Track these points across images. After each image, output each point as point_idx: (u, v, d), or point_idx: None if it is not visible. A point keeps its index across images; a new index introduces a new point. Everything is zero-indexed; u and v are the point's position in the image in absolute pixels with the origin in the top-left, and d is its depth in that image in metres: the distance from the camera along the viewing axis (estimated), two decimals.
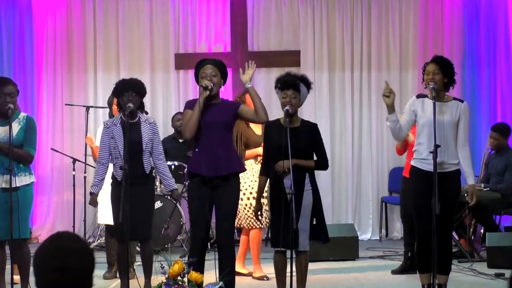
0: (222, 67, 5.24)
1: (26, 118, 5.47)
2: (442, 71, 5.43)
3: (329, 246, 7.23)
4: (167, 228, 7.90)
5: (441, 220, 5.21)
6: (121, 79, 5.93)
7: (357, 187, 9.42)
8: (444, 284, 5.53)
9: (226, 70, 5.31)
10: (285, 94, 5.18)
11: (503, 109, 9.27)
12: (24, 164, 5.40)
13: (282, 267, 5.36)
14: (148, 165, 5.70)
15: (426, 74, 5.46)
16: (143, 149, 5.66)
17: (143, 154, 5.66)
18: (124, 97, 5.62)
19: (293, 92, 5.17)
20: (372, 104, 9.39)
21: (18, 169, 5.34)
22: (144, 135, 5.67)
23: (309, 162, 5.21)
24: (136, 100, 5.67)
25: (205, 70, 5.16)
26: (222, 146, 5.12)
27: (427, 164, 5.36)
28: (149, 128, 5.70)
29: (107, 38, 9.37)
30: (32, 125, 5.47)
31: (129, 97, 5.61)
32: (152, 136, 5.72)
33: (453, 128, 5.42)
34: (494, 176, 7.78)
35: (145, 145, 5.66)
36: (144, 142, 5.65)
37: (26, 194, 5.40)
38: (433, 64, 5.47)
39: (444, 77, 5.43)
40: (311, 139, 5.24)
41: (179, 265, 5.65)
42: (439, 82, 5.40)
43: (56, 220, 9.26)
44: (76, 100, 9.14)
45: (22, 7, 9.32)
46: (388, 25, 9.41)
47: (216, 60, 5.28)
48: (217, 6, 9.43)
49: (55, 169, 9.24)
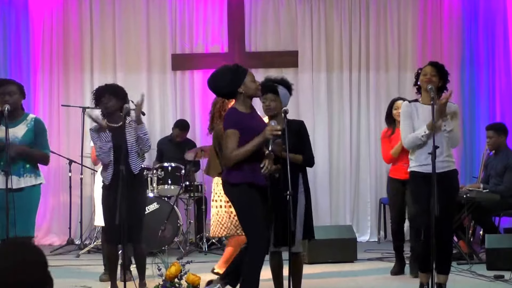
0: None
1: (34, 120, 5.48)
2: (439, 75, 5.46)
3: (327, 248, 7.24)
4: (164, 230, 7.85)
5: (442, 220, 5.21)
6: (101, 85, 5.95)
7: (355, 189, 9.39)
8: (444, 284, 5.53)
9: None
10: (265, 98, 5.28)
11: (501, 110, 9.25)
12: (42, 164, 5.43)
13: (278, 269, 5.36)
14: (135, 165, 5.69)
15: (423, 75, 5.49)
16: (129, 152, 5.66)
17: (129, 156, 5.66)
18: (104, 98, 5.69)
19: (272, 96, 5.24)
20: (370, 104, 9.36)
21: (23, 170, 5.36)
22: (129, 138, 5.68)
23: (297, 156, 5.21)
24: (113, 104, 5.70)
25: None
26: (264, 156, 4.99)
27: (426, 167, 5.37)
28: (132, 128, 5.69)
29: (103, 39, 9.34)
30: (42, 128, 5.50)
31: (107, 99, 5.68)
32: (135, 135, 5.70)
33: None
34: (493, 178, 7.75)
35: (130, 147, 5.66)
36: (130, 144, 5.65)
37: (31, 195, 5.41)
38: (430, 66, 5.53)
39: (440, 81, 5.47)
40: (298, 137, 5.27)
41: (176, 267, 5.62)
42: (435, 83, 5.43)
43: (53, 221, 9.22)
44: (72, 101, 9.10)
45: (18, 7, 9.29)
46: (386, 26, 9.39)
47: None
48: (214, 6, 9.39)
49: (51, 170, 9.16)
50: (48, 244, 8.88)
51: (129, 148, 5.66)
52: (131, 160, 5.67)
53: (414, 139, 5.45)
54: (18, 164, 5.33)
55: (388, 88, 9.38)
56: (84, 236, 8.59)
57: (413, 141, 5.46)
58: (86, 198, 8.65)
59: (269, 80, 5.38)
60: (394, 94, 9.33)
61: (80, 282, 6.43)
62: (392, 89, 9.37)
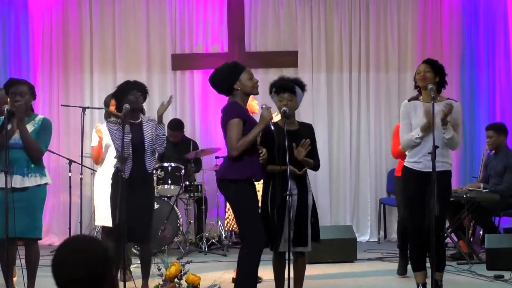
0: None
1: (42, 120, 5.48)
2: (433, 70, 5.47)
3: (327, 248, 7.22)
4: (164, 230, 7.85)
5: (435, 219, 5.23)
6: (125, 81, 5.86)
7: (355, 189, 9.39)
8: (440, 280, 5.54)
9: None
10: (282, 98, 5.22)
11: (502, 110, 9.24)
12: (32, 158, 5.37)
13: (280, 269, 5.35)
14: (150, 165, 5.67)
15: (417, 73, 5.54)
16: (145, 149, 5.63)
17: (145, 154, 5.63)
18: (131, 95, 5.59)
19: (289, 95, 5.21)
20: (370, 105, 9.36)
21: (28, 169, 5.34)
22: (146, 135, 5.65)
23: (309, 160, 5.21)
24: (141, 101, 5.67)
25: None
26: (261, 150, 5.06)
27: (419, 165, 5.43)
28: (150, 127, 5.68)
29: (103, 39, 9.33)
30: (47, 125, 5.48)
31: (136, 96, 5.60)
32: (153, 134, 5.69)
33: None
34: (493, 177, 7.75)
35: (147, 145, 5.63)
36: (147, 142, 5.63)
37: (36, 195, 5.37)
38: (423, 64, 5.60)
39: (436, 77, 5.47)
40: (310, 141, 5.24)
41: (176, 267, 5.62)
42: (431, 79, 5.45)
43: (52, 221, 9.21)
44: (72, 101, 9.10)
45: (18, 7, 9.28)
46: (386, 26, 9.38)
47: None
48: (214, 6, 9.39)
49: (51, 170, 9.12)
50: (48, 244, 8.87)
51: (146, 146, 5.63)
52: (146, 159, 5.64)
53: (408, 140, 5.51)
54: (22, 163, 5.30)
55: (388, 89, 9.38)
56: None
57: (408, 142, 5.52)
58: (86, 198, 8.64)
59: (285, 79, 5.35)
60: (394, 94, 9.36)
61: None
62: (392, 89, 9.37)
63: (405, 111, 5.59)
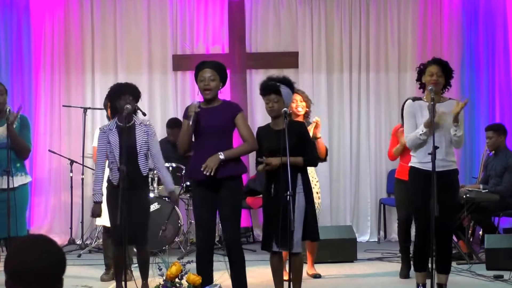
0: (221, 70, 5.25)
1: (20, 118, 5.51)
2: (444, 74, 5.45)
3: (327, 248, 7.25)
4: (164, 230, 7.87)
5: (442, 219, 5.21)
6: (116, 83, 5.92)
7: (355, 189, 9.40)
8: (445, 284, 5.53)
9: (225, 73, 5.32)
10: (268, 99, 5.30)
11: (501, 110, 9.25)
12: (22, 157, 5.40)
13: (278, 268, 5.38)
14: (144, 167, 5.67)
15: (430, 76, 5.45)
16: (138, 152, 5.63)
17: (139, 157, 5.64)
18: (122, 100, 5.61)
19: (275, 96, 5.25)
20: (370, 105, 9.37)
21: (15, 169, 5.38)
22: (138, 138, 5.64)
23: (296, 158, 5.23)
24: (132, 104, 5.66)
25: (204, 74, 5.18)
26: (219, 151, 5.10)
27: (424, 164, 5.41)
28: (143, 131, 5.67)
29: (104, 39, 9.35)
30: (27, 123, 5.54)
31: (127, 101, 5.60)
32: (147, 138, 5.68)
33: (451, 128, 5.44)
34: (493, 178, 7.77)
35: (139, 148, 5.63)
36: (138, 145, 5.63)
37: (23, 194, 5.45)
38: (436, 66, 5.48)
39: (445, 80, 5.47)
40: (299, 139, 5.28)
41: (176, 267, 5.64)
42: (442, 85, 5.44)
43: (54, 221, 9.23)
44: (73, 102, 9.12)
45: (19, 8, 9.30)
46: (386, 26, 9.40)
47: (215, 63, 5.28)
48: (215, 7, 9.40)
49: (52, 170, 9.21)
50: None
51: (138, 149, 5.64)
52: (140, 162, 5.65)
53: (413, 138, 5.47)
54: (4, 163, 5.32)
55: (388, 89, 9.39)
56: (85, 236, 8.61)
57: (413, 140, 5.48)
58: (87, 198, 8.65)
59: (271, 80, 5.38)
60: (394, 95, 9.36)
61: (81, 282, 6.45)
62: (392, 90, 9.38)
63: (411, 111, 5.56)
